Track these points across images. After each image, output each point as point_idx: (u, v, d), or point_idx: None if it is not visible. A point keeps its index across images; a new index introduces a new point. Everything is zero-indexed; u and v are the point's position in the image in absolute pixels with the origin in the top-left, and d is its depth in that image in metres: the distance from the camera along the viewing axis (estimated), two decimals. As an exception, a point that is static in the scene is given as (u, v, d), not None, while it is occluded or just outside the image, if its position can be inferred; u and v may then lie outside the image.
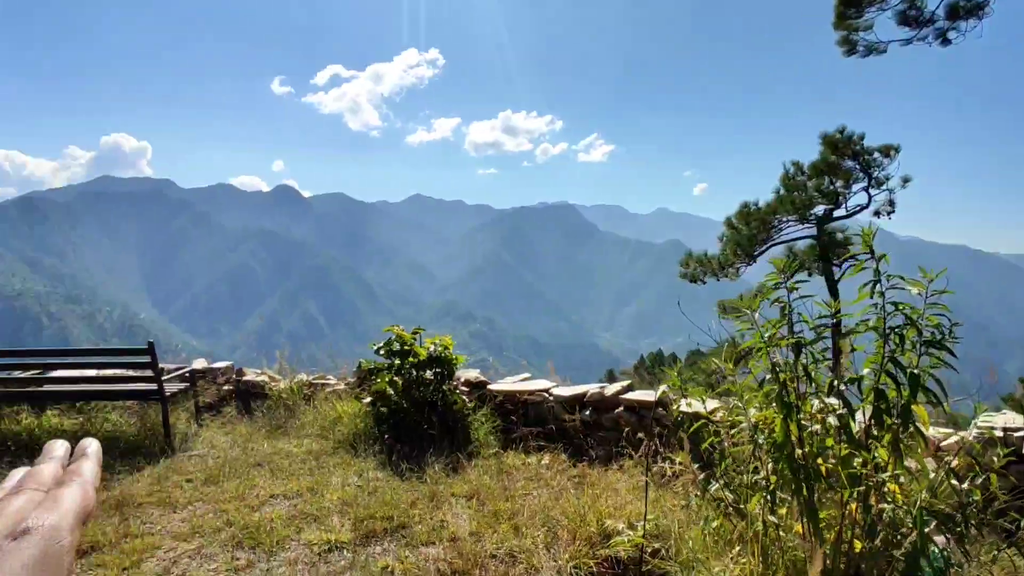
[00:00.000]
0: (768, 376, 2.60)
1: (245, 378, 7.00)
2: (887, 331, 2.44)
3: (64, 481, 0.46)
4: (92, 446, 0.51)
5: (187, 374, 6.41)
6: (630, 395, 5.18)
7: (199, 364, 7.07)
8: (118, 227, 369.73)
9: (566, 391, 5.52)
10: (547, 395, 5.58)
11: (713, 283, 15.44)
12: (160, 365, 5.68)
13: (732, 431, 3.02)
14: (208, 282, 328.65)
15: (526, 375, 6.30)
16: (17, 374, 6.21)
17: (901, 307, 2.42)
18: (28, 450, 5.53)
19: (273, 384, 6.82)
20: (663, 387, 5.22)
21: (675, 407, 4.78)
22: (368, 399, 5.65)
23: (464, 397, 5.65)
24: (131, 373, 6.55)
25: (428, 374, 5.65)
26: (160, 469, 5.05)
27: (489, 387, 5.85)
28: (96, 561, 3.55)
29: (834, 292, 13.02)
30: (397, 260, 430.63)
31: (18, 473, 0.47)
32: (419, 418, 5.48)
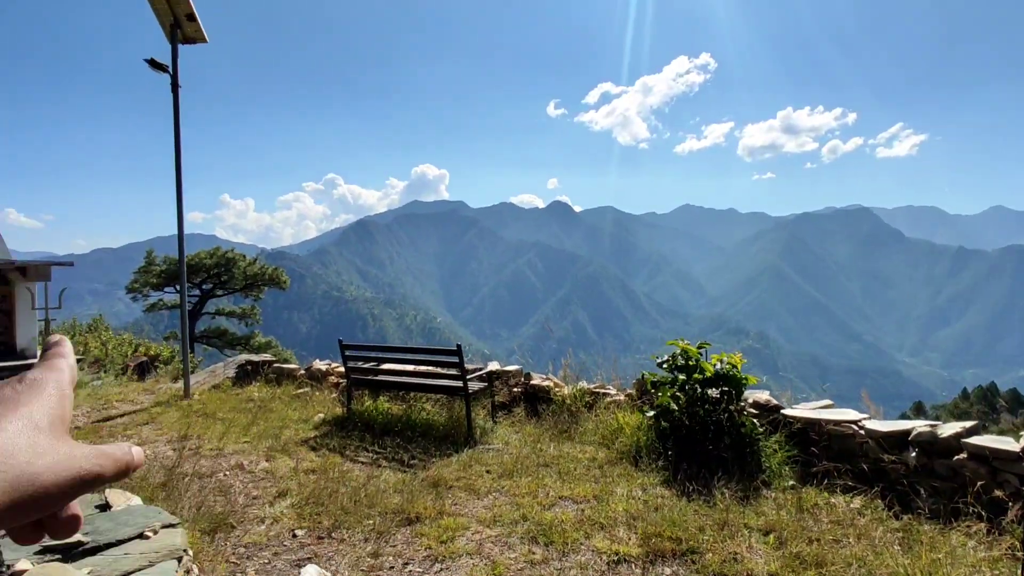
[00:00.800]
0: None
1: (532, 382, 7.50)
2: None
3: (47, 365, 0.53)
4: (65, 345, 0.55)
5: (485, 375, 7.12)
6: (977, 440, 4.19)
7: (493, 366, 7.79)
8: (423, 243, 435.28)
9: (883, 425, 4.71)
10: (856, 427, 4.84)
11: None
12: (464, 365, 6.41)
13: None
14: (491, 290, 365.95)
15: (827, 402, 5.56)
16: (360, 365, 7.59)
17: None
18: (370, 428, 6.72)
19: (557, 390, 7.18)
20: (1026, 434, 4.14)
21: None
22: (651, 413, 5.57)
23: (754, 420, 5.22)
24: (440, 370, 7.54)
25: (714, 392, 5.36)
26: (464, 458, 5.67)
27: (783, 412, 5.30)
28: (419, 531, 4.09)
29: None
30: (665, 271, 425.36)
31: None
32: (704, 437, 5.22)
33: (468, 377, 6.44)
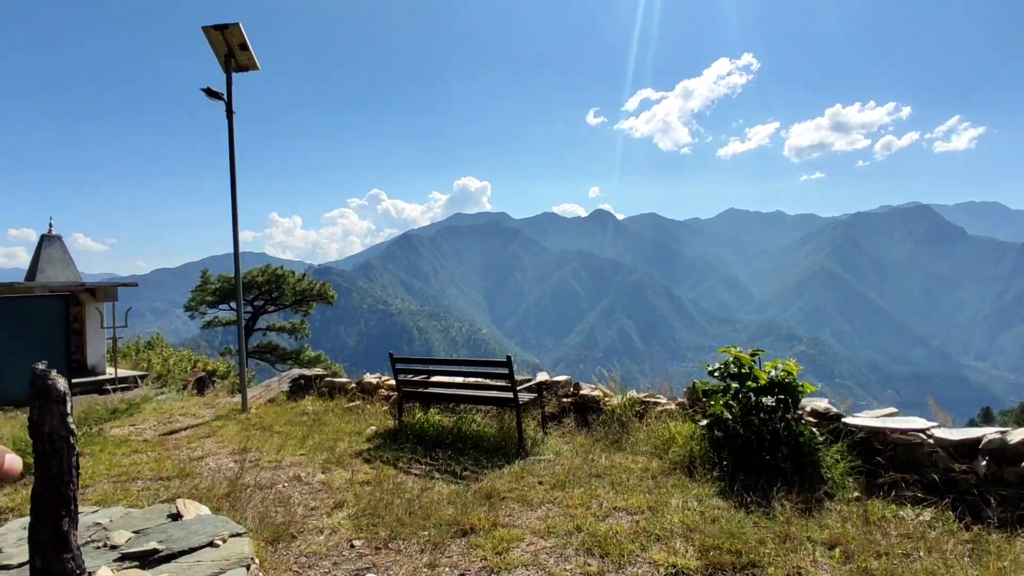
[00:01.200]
0: None
1: (581, 392, 7.48)
2: None
3: None
4: None
5: (535, 386, 7.13)
6: (1056, 448, 3.97)
7: (542, 377, 7.80)
8: (466, 255, 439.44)
9: (952, 434, 4.51)
10: (923, 436, 4.64)
11: None
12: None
13: None
14: (535, 300, 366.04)
15: (891, 409, 5.36)
16: (411, 378, 7.71)
17: None
18: (421, 440, 6.82)
19: (607, 399, 7.14)
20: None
21: None
22: (704, 422, 5.48)
23: (813, 429, 5.07)
24: (489, 382, 7.59)
25: (769, 400, 5.24)
26: (516, 468, 5.69)
27: (844, 420, 5.13)
28: (474, 542, 4.12)
29: None
30: (711, 276, 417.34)
31: None
32: (759, 446, 5.10)
33: (518, 388, 6.47)
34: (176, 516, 3.72)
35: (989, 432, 4.40)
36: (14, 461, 0.57)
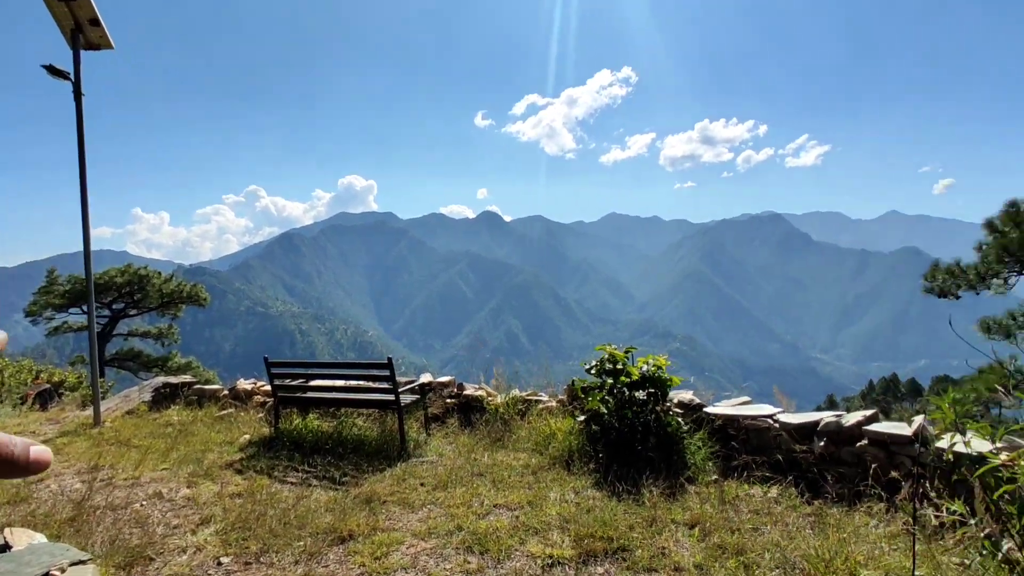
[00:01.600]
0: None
1: (465, 392, 7.51)
2: None
3: None
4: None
5: (417, 387, 7.07)
6: (876, 427, 4.55)
7: (425, 378, 7.75)
8: (352, 255, 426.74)
9: (795, 418, 5.03)
10: (772, 421, 5.14)
11: (969, 298, 13.05)
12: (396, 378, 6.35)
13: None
14: (423, 301, 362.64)
15: (745, 399, 5.88)
16: (288, 382, 7.36)
17: None
18: (299, 447, 6.53)
19: (490, 399, 7.22)
20: (917, 419, 4.52)
21: (935, 444, 4.09)
22: (582, 417, 5.71)
23: (679, 420, 5.44)
24: (371, 384, 7.42)
25: (641, 394, 5.55)
26: (398, 471, 5.61)
27: (705, 410, 5.56)
28: (352, 548, 4.02)
29: None
30: (594, 278, 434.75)
31: None
32: (632, 438, 5.39)
33: (400, 390, 6.39)
34: (3, 548, 3.31)
35: (826, 416, 4.95)
36: (43, 451, 0.52)
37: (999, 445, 3.53)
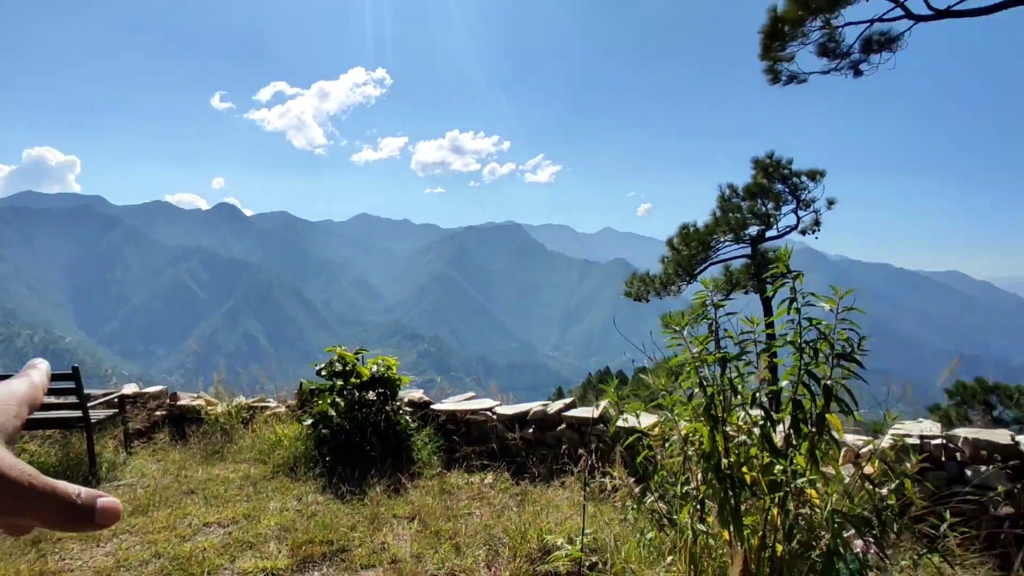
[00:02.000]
0: (696, 390, 2.73)
1: (179, 403, 6.74)
2: (802, 345, 2.60)
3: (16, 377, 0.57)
4: (43, 364, 0.61)
5: (115, 400, 6.13)
6: (572, 412, 5.26)
7: (129, 389, 6.76)
8: (43, 243, 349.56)
9: (509, 409, 5.56)
10: (490, 414, 5.61)
11: (657, 301, 15.86)
12: (86, 391, 5.41)
13: (666, 444, 3.12)
14: (143, 301, 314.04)
15: (470, 394, 6.32)
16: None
17: (815, 322, 2.59)
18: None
19: (210, 408, 6.59)
20: (602, 403, 5.35)
21: (614, 423, 4.90)
22: (309, 421, 5.54)
23: (407, 418, 5.62)
24: (53, 400, 6.21)
25: (371, 395, 5.60)
26: (84, 500, 4.79)
27: (432, 407, 5.83)
28: (10, 600, 3.34)
29: (768, 310, 13.61)
30: (343, 279, 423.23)
31: None
32: (361, 439, 5.41)
33: (90, 405, 5.47)
34: None
35: (535, 406, 5.57)
36: (113, 502, 0.46)
37: (654, 420, 4.36)
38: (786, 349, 2.67)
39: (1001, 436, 3.67)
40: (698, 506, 2.80)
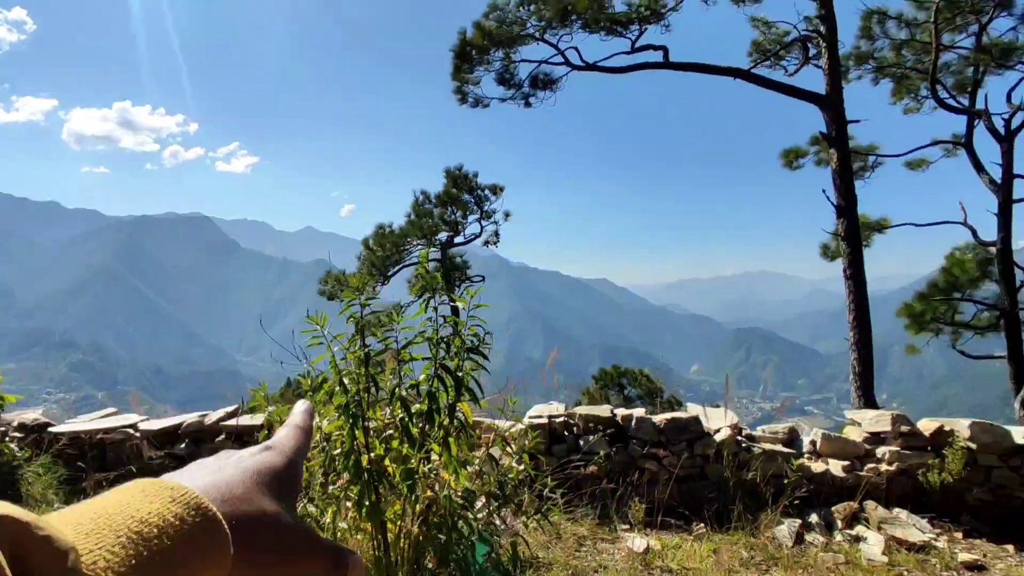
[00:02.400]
0: (338, 388, 2.73)
1: None
2: (438, 340, 2.81)
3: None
4: (303, 405, 0.56)
5: None
6: (234, 421, 4.86)
7: None
8: None
9: (157, 424, 4.88)
10: (132, 431, 4.84)
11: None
12: None
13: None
14: None
15: (111, 410, 5.37)
16: None
17: (448, 319, 2.83)
18: None
19: None
20: (270, 408, 5.05)
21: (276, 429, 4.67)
22: None
23: (12, 446, 4.52)
24: None
25: (-47, 421, 4.35)
26: None
27: (51, 429, 4.79)
28: None
29: (455, 311, 14.66)
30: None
31: None
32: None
33: None
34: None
35: (190, 417, 4.98)
36: (359, 561, 0.44)
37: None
38: (426, 344, 2.86)
39: (603, 411, 4.52)
40: (347, 504, 2.81)
